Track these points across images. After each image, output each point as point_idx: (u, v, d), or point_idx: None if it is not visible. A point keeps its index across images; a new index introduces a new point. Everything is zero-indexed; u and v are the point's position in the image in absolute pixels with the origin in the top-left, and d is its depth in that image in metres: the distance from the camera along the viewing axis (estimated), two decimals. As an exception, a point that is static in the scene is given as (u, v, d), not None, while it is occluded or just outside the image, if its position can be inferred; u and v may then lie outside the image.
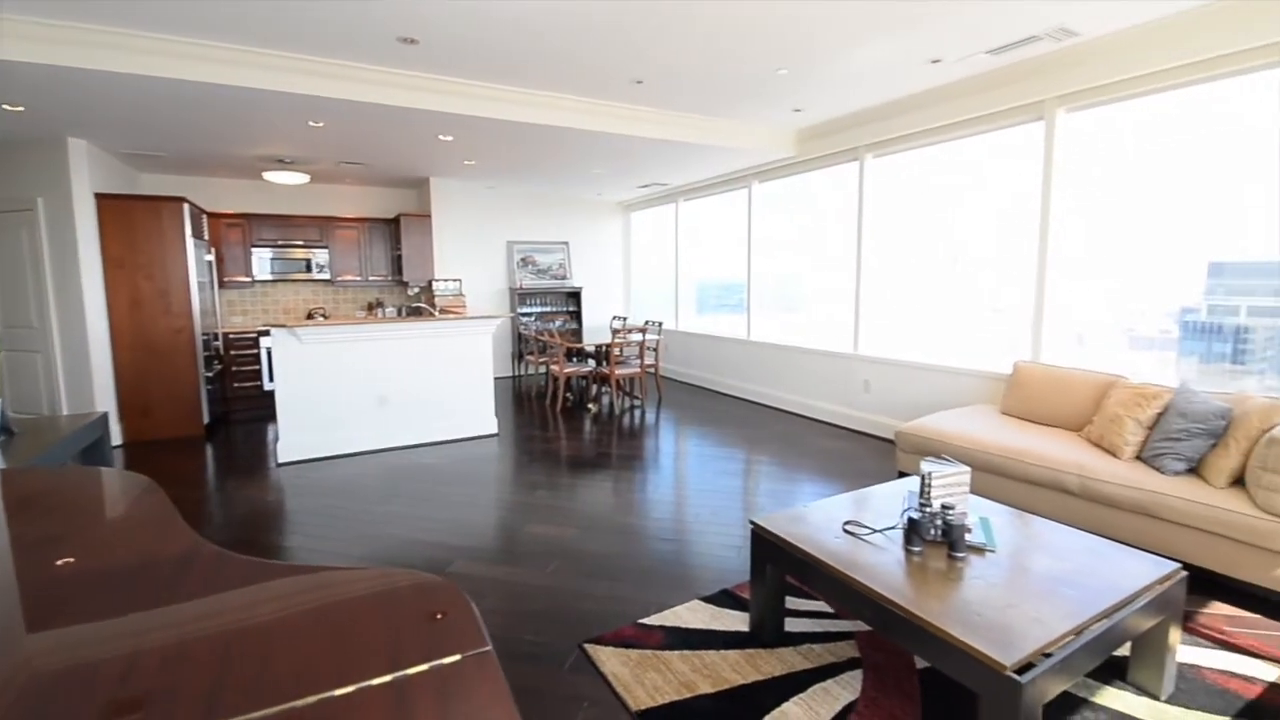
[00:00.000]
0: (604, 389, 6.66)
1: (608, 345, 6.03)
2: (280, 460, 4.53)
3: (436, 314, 5.56)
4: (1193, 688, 1.96)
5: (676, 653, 2.14)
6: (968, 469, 2.13)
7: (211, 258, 6.09)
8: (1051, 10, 3.23)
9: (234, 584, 1.05)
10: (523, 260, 8.22)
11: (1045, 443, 3.17)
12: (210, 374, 5.66)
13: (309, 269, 6.88)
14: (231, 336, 6.28)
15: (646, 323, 6.80)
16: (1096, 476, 2.82)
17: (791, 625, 2.29)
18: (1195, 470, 2.71)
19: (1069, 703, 1.88)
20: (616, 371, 6.04)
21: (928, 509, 2.00)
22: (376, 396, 4.79)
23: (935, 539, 1.98)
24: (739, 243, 6.79)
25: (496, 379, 7.82)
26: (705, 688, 1.96)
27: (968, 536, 2.00)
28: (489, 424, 5.23)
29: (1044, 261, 4.01)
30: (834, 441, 5.03)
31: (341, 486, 4.05)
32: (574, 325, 8.28)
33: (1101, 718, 1.82)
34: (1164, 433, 2.83)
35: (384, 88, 4.00)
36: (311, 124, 4.60)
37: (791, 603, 2.42)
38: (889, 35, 3.51)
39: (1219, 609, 2.43)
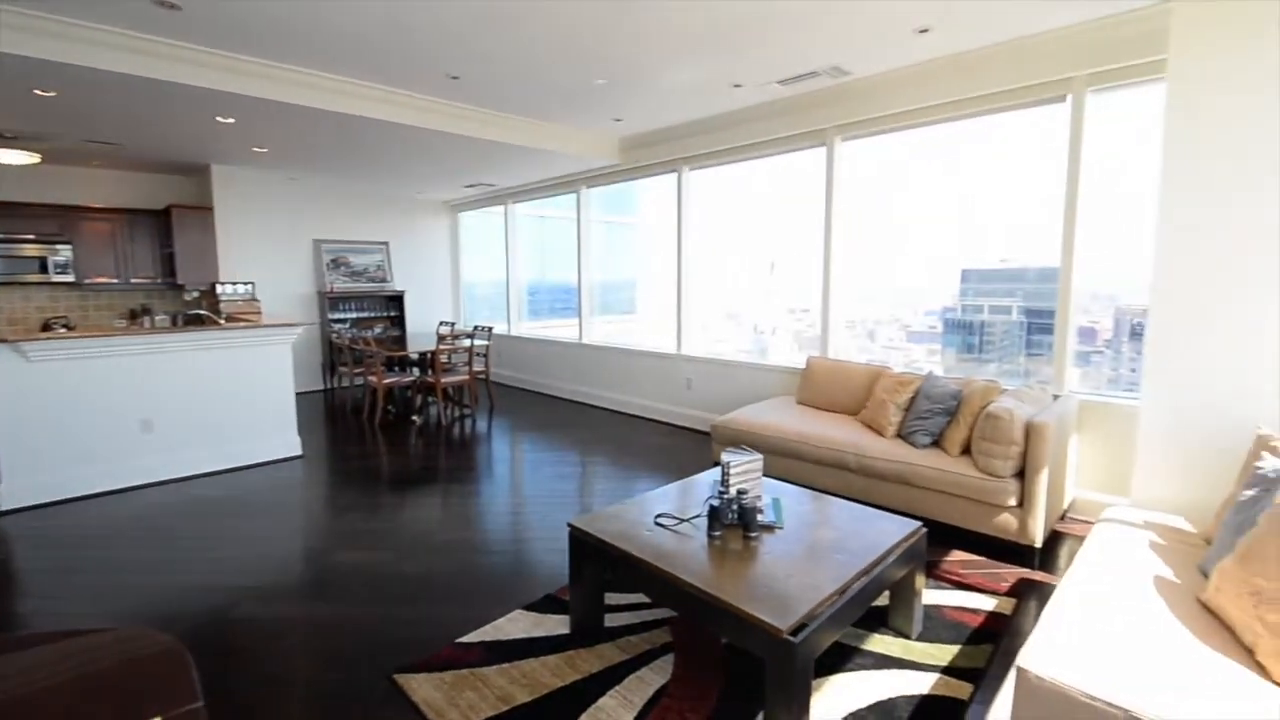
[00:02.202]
0: (430, 399, 6.31)
1: (433, 352, 5.73)
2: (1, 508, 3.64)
3: (222, 322, 4.86)
4: (935, 624, 2.36)
5: (495, 667, 2.09)
6: (760, 457, 2.35)
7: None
8: (826, 52, 3.69)
9: None
10: (334, 261, 7.50)
11: (830, 427, 3.61)
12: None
13: (44, 269, 5.64)
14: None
15: (476, 328, 6.57)
16: (868, 454, 3.28)
17: (611, 620, 2.35)
18: (938, 443, 3.27)
19: (841, 651, 2.16)
20: (443, 380, 5.76)
21: (725, 496, 2.17)
22: (140, 421, 4.05)
23: (733, 522, 2.16)
24: (570, 247, 6.84)
25: (303, 394, 7.04)
26: (523, 697, 1.94)
27: (760, 517, 2.21)
28: (291, 445, 4.68)
29: (828, 269, 4.58)
30: (662, 438, 5.28)
31: (92, 533, 3.36)
32: (396, 332, 7.74)
33: (867, 661, 2.12)
34: (916, 413, 3.38)
35: (135, 55, 3.40)
36: (39, 93, 3.78)
37: (611, 598, 2.48)
38: (696, 59, 3.77)
39: (956, 555, 2.96)
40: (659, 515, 2.31)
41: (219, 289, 5.84)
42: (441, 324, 7.16)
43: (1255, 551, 1.54)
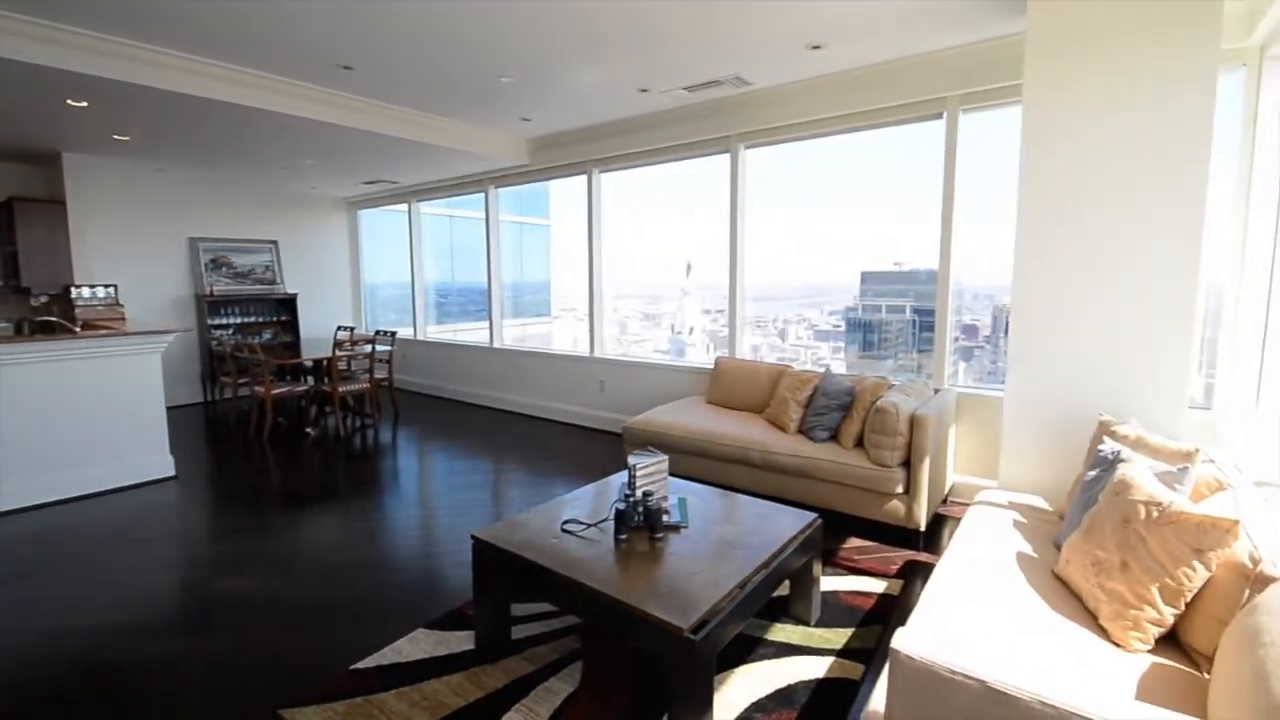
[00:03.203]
0: (327, 409, 5.93)
1: (329, 359, 5.38)
2: None
3: (78, 330, 4.33)
4: (833, 610, 2.48)
5: (393, 692, 1.99)
6: (665, 458, 2.38)
7: None
8: (728, 62, 3.80)
9: None
10: (214, 262, 6.88)
11: (737, 425, 3.73)
12: None
13: None
14: None
15: (378, 332, 6.25)
16: (771, 450, 3.41)
17: (519, 631, 2.30)
18: (835, 437, 3.45)
19: (745, 643, 2.23)
20: (341, 388, 5.43)
21: (631, 499, 2.18)
22: (-28, 445, 3.53)
23: (639, 525, 2.17)
24: (481, 248, 6.64)
25: (179, 408, 6.42)
26: (424, 720, 1.85)
27: (666, 518, 2.23)
28: (162, 465, 4.24)
29: (734, 271, 4.72)
30: (576, 441, 5.24)
31: (-94, 577, 2.89)
32: (288, 338, 7.21)
33: (769, 650, 2.20)
34: (815, 409, 3.55)
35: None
36: None
37: (521, 609, 2.43)
38: (601, 62, 3.76)
39: (853, 542, 3.13)
40: (566, 521, 2.28)
41: (73, 293, 5.20)
42: (340, 329, 6.75)
43: (1095, 526, 1.73)
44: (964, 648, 1.16)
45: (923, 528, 3.05)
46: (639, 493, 2.22)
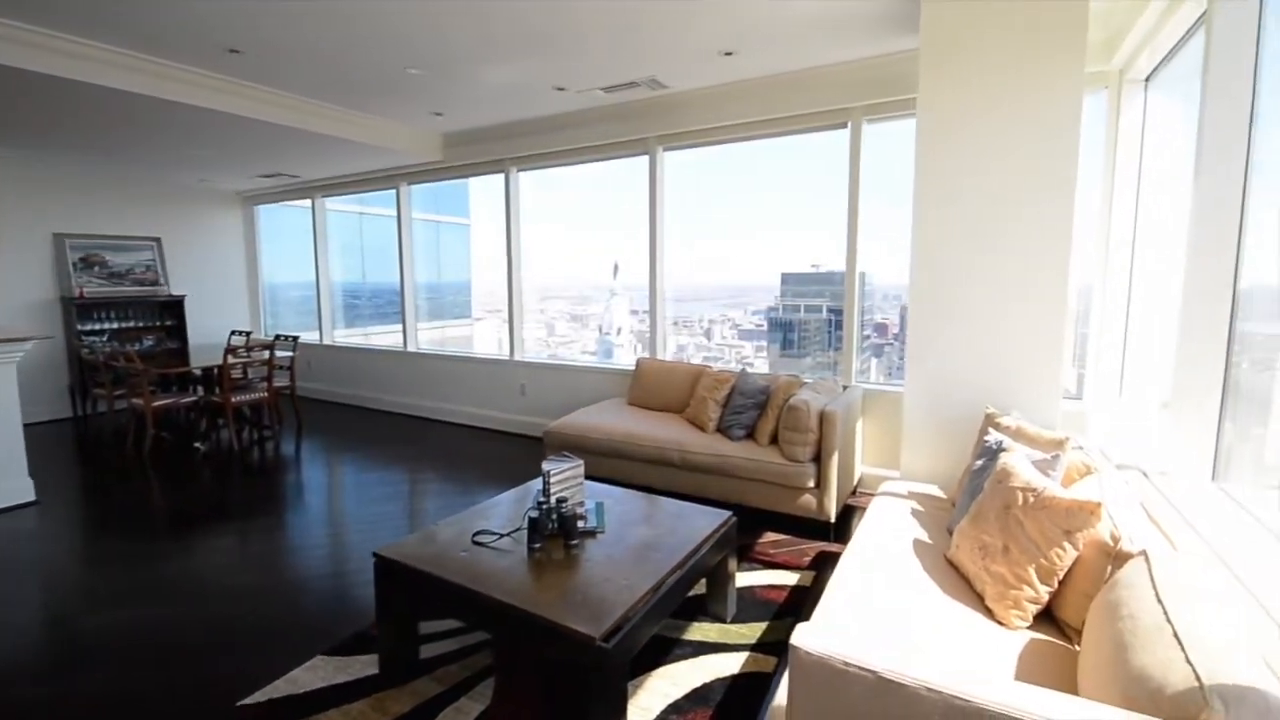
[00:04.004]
0: (219, 421, 5.48)
1: (221, 367, 4.97)
2: None
3: (-94, 339, 3.76)
4: (748, 605, 2.53)
5: (286, 726, 1.84)
6: (580, 463, 2.34)
7: None
8: (643, 64, 3.80)
9: None
10: (84, 261, 6.20)
11: (657, 426, 3.74)
12: None
13: None
14: None
15: (278, 337, 5.83)
16: (690, 449, 3.44)
17: (429, 650, 2.19)
18: (751, 435, 3.53)
19: (661, 644, 2.23)
20: (235, 398, 5.02)
21: (545, 506, 2.13)
22: None
23: (554, 532, 2.12)
24: (394, 246, 6.33)
25: (40, 424, 5.74)
26: (320, 755, 1.73)
27: (582, 524, 2.20)
28: (19, 490, 3.76)
29: (655, 272, 4.75)
30: (497, 447, 5.10)
31: None
32: (174, 344, 6.61)
33: (686, 650, 2.20)
34: (732, 408, 3.62)
35: None
36: None
37: (433, 626, 2.32)
38: (513, 59, 3.67)
39: (768, 537, 3.21)
40: (478, 533, 2.20)
41: (-97, 295, 4.53)
42: (235, 334, 6.25)
43: (981, 513, 1.84)
44: (861, 638, 1.20)
45: (833, 519, 3.17)
46: (553, 499, 2.17)
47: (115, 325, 6.32)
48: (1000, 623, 1.64)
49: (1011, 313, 2.71)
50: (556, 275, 5.92)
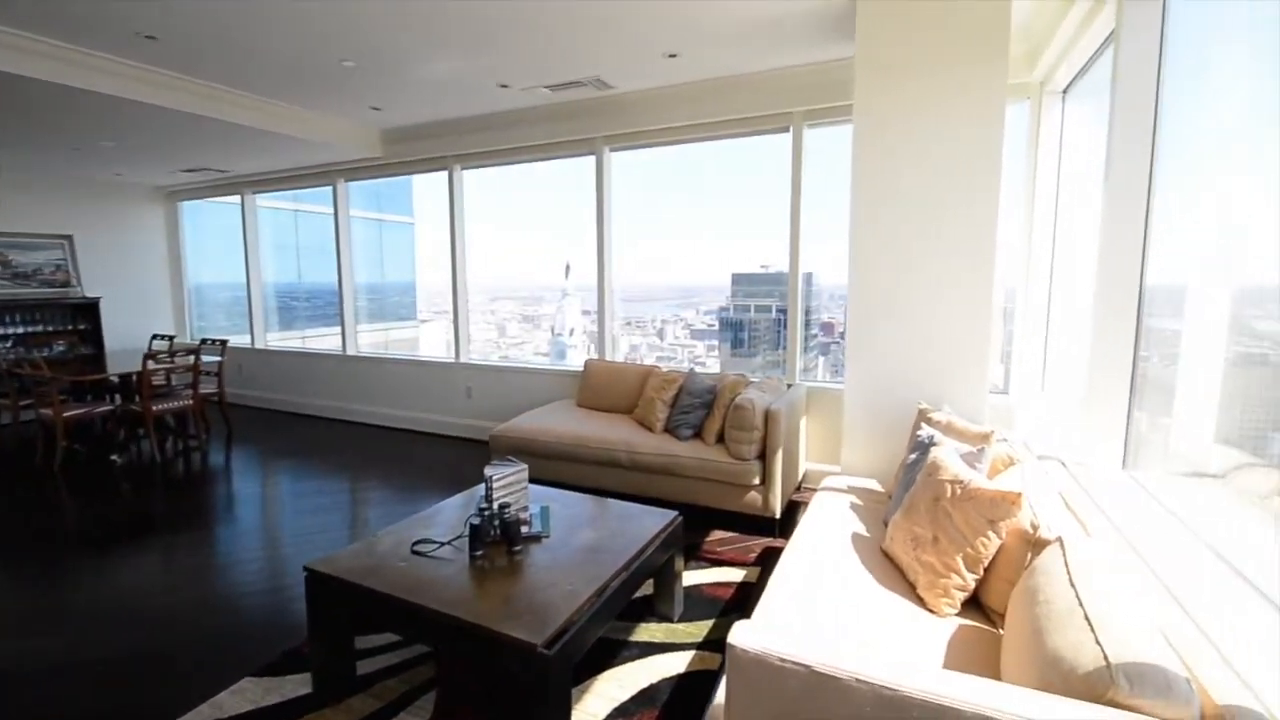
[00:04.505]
0: (140, 431, 5.14)
1: (140, 373, 4.66)
2: None
3: None
4: (695, 604, 2.54)
5: (208, 754, 1.74)
6: (524, 467, 2.31)
7: None
8: (588, 64, 3.77)
9: None
10: (-17, 261, 5.71)
11: (605, 427, 3.72)
12: None
13: None
14: None
15: (204, 341, 5.52)
16: (638, 450, 3.44)
17: (366, 666, 2.11)
18: (699, 434, 3.56)
19: (609, 646, 2.22)
20: (157, 407, 4.72)
21: (487, 512, 2.08)
22: None
23: (496, 539, 2.08)
24: (330, 245, 6.08)
25: (-60, 437, 5.26)
26: (246, 783, 1.64)
27: (526, 529, 2.16)
28: (-94, 510, 3.43)
29: (603, 273, 4.73)
30: (442, 451, 4.98)
31: None
32: (88, 350, 6.16)
33: (633, 651, 2.20)
34: (680, 408, 3.64)
35: None
36: None
37: (365, 641, 2.23)
38: (453, 53, 3.57)
39: (715, 535, 3.24)
40: (417, 542, 2.13)
41: None
42: (157, 338, 5.88)
43: (914, 505, 1.91)
44: (798, 633, 1.22)
45: (778, 515, 3.23)
46: (496, 505, 2.13)
47: (21, 330, 5.84)
48: (931, 611, 1.71)
49: (942, 312, 2.82)
50: (507, 275, 5.84)
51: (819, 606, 1.69)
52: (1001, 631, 1.62)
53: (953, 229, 2.77)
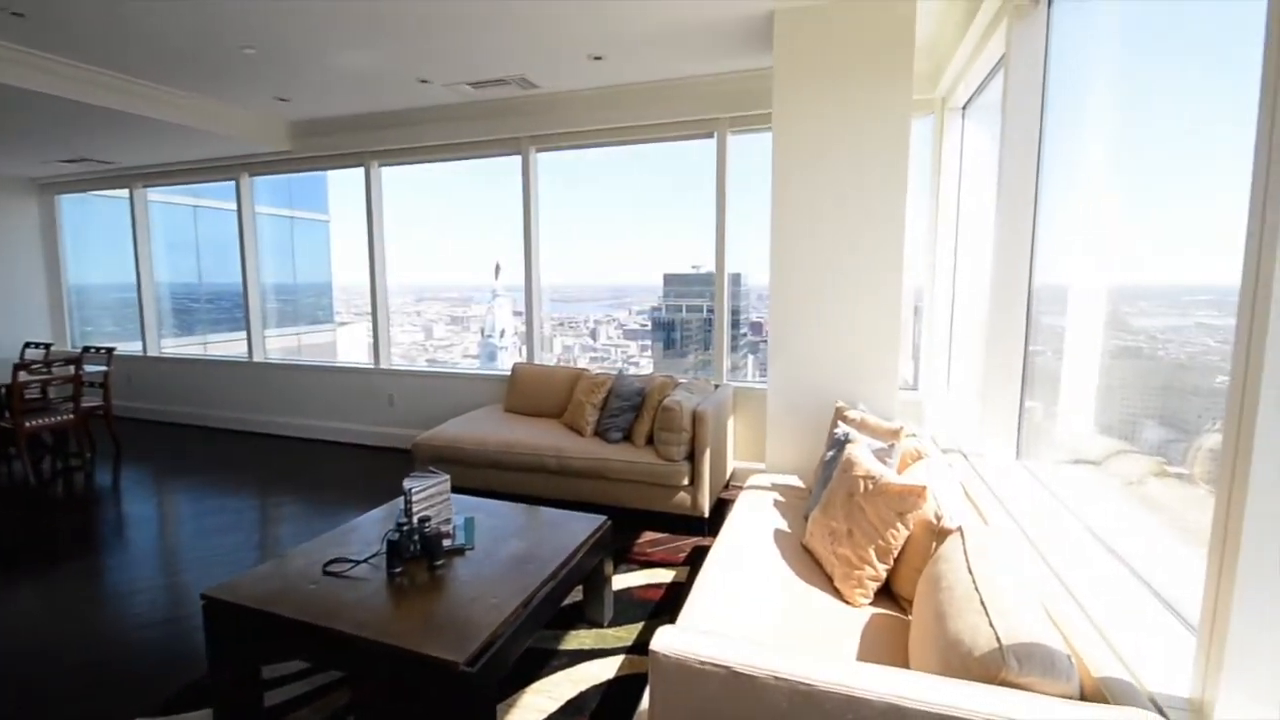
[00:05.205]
0: (11, 451, 4.62)
1: (10, 387, 4.18)
2: None
3: None
4: (625, 607, 2.54)
5: (89, 808, 1.57)
6: (446, 478, 2.23)
7: None
8: (512, 62, 3.70)
9: None
10: None
11: (534, 433, 3.66)
12: None
13: None
14: None
15: (86, 350, 5.02)
16: (567, 455, 3.41)
17: (275, 696, 1.98)
18: (628, 437, 3.57)
19: (537, 656, 2.18)
20: (30, 423, 4.25)
21: (406, 527, 2.00)
22: None
23: (416, 554, 2.00)
24: (233, 243, 5.66)
25: None
26: (134, 837, 1.49)
27: (448, 542, 2.09)
28: None
29: (532, 275, 4.66)
30: (362, 463, 4.75)
31: None
32: (-55, 360, 5.47)
33: (562, 660, 2.17)
34: (609, 411, 3.64)
35: None
36: None
37: (273, 670, 2.09)
38: (365, 44, 3.41)
39: (646, 536, 3.26)
40: (330, 561, 2.02)
41: None
42: (31, 346, 5.30)
43: (830, 501, 1.99)
44: (719, 634, 1.24)
45: (707, 514, 3.28)
46: (415, 519, 2.05)
47: None
48: (847, 602, 1.78)
49: (856, 313, 2.95)
50: (435, 275, 5.63)
51: (742, 605, 1.73)
52: (911, 618, 1.71)
53: (865, 233, 2.91)
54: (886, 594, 1.85)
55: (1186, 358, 1.64)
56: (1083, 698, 1.10)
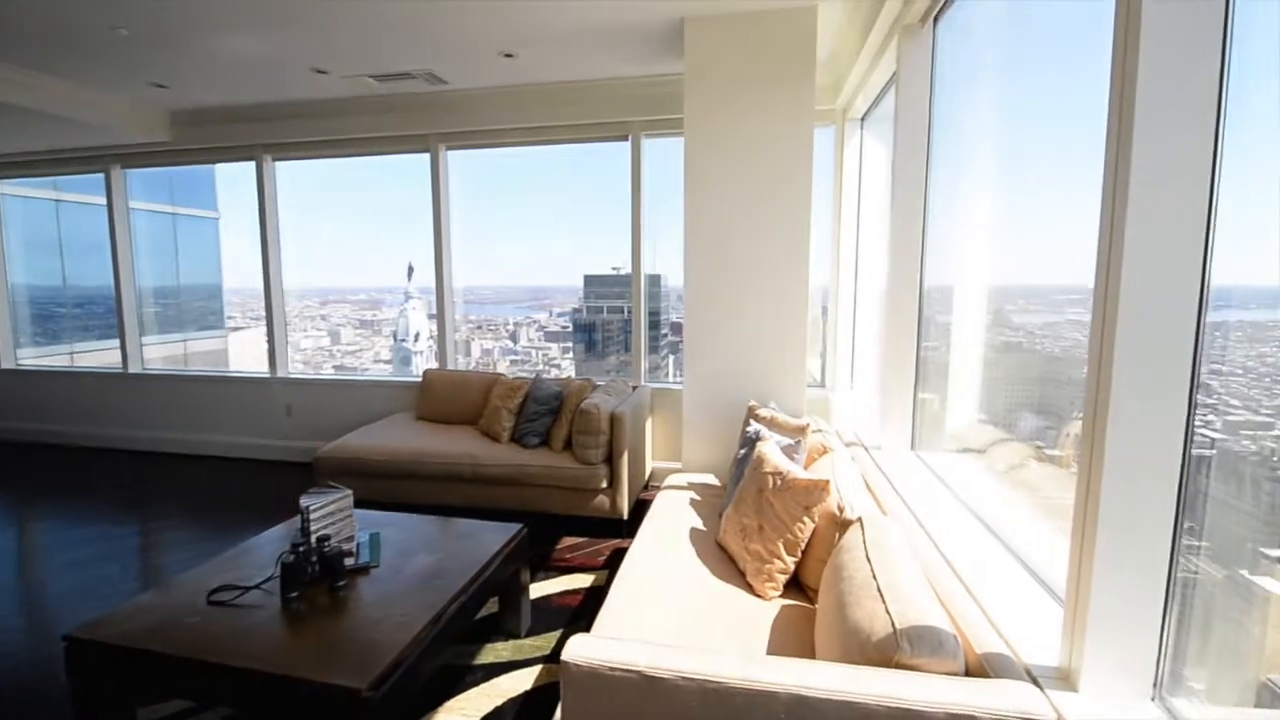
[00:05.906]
0: None
1: None
2: None
3: None
4: (544, 615, 2.50)
5: None
6: (348, 493, 2.11)
7: None
8: (418, 55, 3.54)
9: None
10: None
11: (448, 441, 3.54)
12: None
13: None
14: None
15: (-82, 363, 4.37)
16: (483, 462, 3.32)
17: (153, 742, 1.80)
18: (546, 442, 3.51)
19: (450, 673, 2.10)
20: None
21: (302, 548, 1.87)
22: None
23: (315, 576, 1.88)
24: (103, 242, 5.09)
25: None
26: None
27: (351, 561, 1.97)
28: None
29: (443, 276, 4.49)
30: (257, 479, 4.41)
31: None
32: None
33: (477, 676, 2.11)
34: (526, 416, 3.57)
35: None
36: None
37: (152, 712, 1.90)
38: (253, 29, 3.16)
39: (565, 541, 3.22)
40: (216, 590, 1.85)
41: None
42: None
43: (742, 498, 2.04)
44: (631, 638, 1.23)
45: (626, 516, 3.29)
46: (314, 538, 1.92)
47: None
48: (759, 595, 1.83)
49: (766, 313, 3.06)
50: (342, 277, 5.31)
51: (657, 606, 1.74)
52: (817, 607, 1.78)
53: (773, 237, 3.01)
54: (795, 586, 1.92)
55: (1060, 351, 1.81)
56: (968, 673, 1.19)
